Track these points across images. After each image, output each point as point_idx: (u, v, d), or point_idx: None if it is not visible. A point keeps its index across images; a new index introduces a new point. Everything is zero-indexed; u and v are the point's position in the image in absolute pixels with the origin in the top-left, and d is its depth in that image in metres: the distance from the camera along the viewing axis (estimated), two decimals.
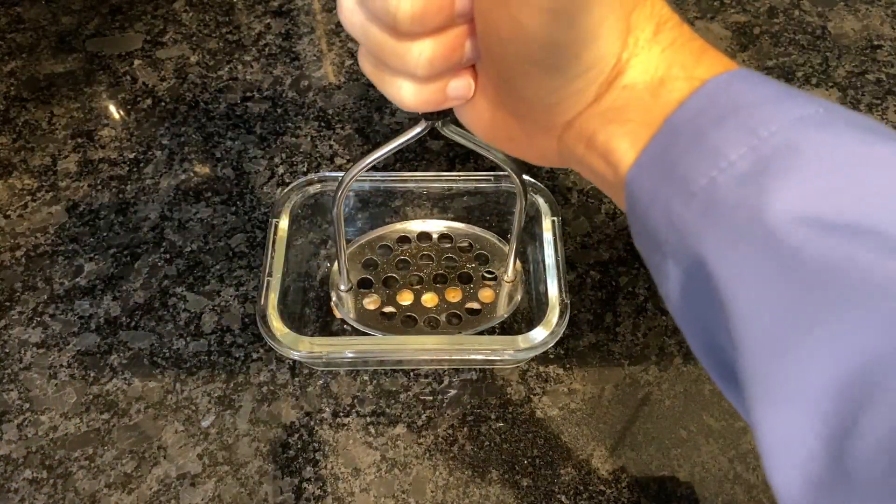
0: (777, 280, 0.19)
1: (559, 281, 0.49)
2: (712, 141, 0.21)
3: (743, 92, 0.22)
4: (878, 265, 0.18)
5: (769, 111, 0.21)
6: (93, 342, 0.53)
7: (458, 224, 0.58)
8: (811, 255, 0.18)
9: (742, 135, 0.21)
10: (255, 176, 0.62)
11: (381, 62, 0.26)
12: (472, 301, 0.54)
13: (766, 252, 0.19)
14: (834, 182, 0.19)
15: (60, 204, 0.60)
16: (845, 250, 0.18)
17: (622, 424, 0.50)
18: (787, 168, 0.19)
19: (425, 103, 0.27)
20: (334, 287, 0.54)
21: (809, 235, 0.19)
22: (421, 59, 0.25)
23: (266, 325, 0.47)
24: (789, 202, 0.19)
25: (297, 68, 0.70)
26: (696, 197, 0.21)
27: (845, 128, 0.20)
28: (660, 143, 0.23)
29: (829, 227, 0.18)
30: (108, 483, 0.47)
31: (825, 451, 0.19)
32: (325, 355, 0.47)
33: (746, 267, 0.20)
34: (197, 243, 0.58)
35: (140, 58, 0.71)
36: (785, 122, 0.20)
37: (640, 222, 0.24)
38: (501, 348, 0.46)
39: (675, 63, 0.24)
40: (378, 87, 0.28)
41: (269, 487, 0.47)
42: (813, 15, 0.76)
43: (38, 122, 0.66)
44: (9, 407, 0.50)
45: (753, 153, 0.20)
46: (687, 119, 0.22)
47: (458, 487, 0.47)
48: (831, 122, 0.20)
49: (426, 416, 0.50)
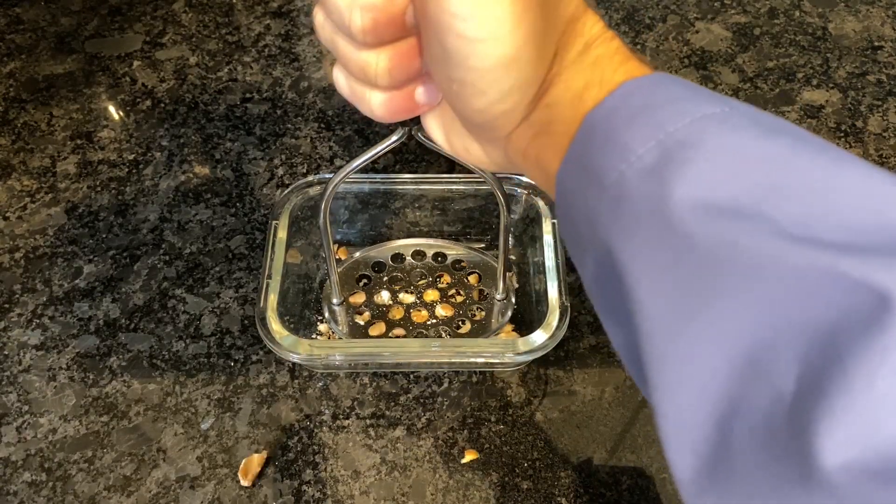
0: (672, 265, 0.20)
1: (559, 283, 0.49)
2: (623, 137, 0.22)
3: (655, 93, 0.23)
4: (763, 248, 0.18)
5: (677, 109, 0.22)
6: (92, 344, 0.53)
7: (451, 242, 0.58)
8: (702, 240, 0.19)
9: (650, 130, 0.21)
10: (255, 177, 0.62)
11: (350, 74, 0.28)
12: (463, 318, 0.54)
13: (663, 239, 0.20)
14: (727, 173, 0.20)
15: (60, 205, 0.60)
16: (732, 234, 0.19)
17: (622, 427, 0.50)
18: (686, 160, 0.20)
19: (395, 112, 0.29)
20: (326, 300, 0.54)
21: (701, 221, 0.19)
22: (379, 69, 0.27)
23: (265, 328, 0.47)
24: (686, 191, 0.20)
25: (297, 69, 0.70)
26: (607, 190, 0.22)
27: (745, 125, 0.21)
28: (578, 142, 0.24)
29: (719, 213, 0.19)
30: (107, 485, 0.47)
31: (715, 432, 0.19)
32: (324, 358, 0.47)
33: (646, 254, 0.21)
34: (196, 245, 0.58)
35: (139, 59, 0.71)
36: (689, 119, 0.21)
37: (566, 219, 0.25)
38: (501, 351, 0.46)
39: (594, 77, 0.25)
40: (353, 103, 0.29)
41: (268, 490, 0.47)
42: (813, 16, 0.75)
43: (37, 124, 0.66)
44: (8, 409, 0.50)
45: (659, 147, 0.21)
46: (601, 118, 0.23)
47: (458, 490, 0.47)
48: (732, 120, 0.21)
49: (426, 419, 0.50)
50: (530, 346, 0.46)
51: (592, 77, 0.25)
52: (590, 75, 0.25)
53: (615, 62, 0.25)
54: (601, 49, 0.25)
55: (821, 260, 0.18)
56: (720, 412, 0.19)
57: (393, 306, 0.54)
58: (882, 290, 0.16)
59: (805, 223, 0.18)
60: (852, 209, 0.19)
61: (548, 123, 0.26)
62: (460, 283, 0.55)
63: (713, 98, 0.22)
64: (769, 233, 0.19)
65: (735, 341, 0.19)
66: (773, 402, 0.18)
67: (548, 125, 0.26)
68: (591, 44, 0.25)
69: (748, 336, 0.19)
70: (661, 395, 0.21)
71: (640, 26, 0.74)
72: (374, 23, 0.25)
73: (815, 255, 0.18)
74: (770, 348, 0.18)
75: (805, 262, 0.18)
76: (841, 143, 0.65)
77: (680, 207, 0.20)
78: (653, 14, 0.76)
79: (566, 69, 0.25)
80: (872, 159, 0.64)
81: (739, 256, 0.19)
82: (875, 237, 0.18)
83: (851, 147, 0.65)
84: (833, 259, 0.17)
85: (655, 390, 0.21)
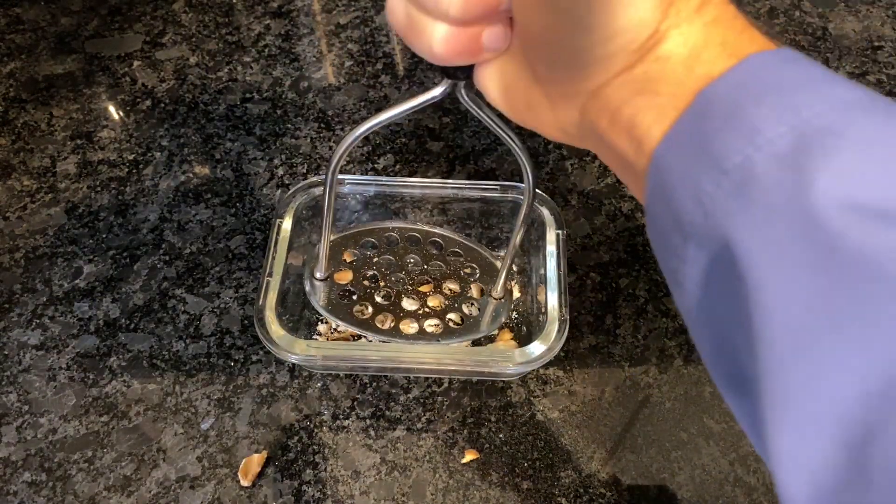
0: (812, 267, 0.18)
1: (560, 295, 0.48)
2: (750, 117, 0.20)
3: (786, 71, 0.21)
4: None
5: (813, 92, 0.20)
6: (92, 344, 0.53)
7: (453, 234, 0.55)
8: (852, 244, 0.17)
9: (783, 113, 0.19)
10: (255, 177, 0.62)
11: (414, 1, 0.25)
12: (455, 312, 0.52)
13: (802, 236, 0.18)
14: (880, 170, 0.18)
15: (60, 205, 0.60)
16: (887, 240, 0.17)
17: (622, 427, 0.50)
18: (830, 151, 0.18)
19: (458, 53, 0.26)
20: (309, 273, 0.51)
21: (852, 222, 0.17)
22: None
23: (263, 328, 0.47)
24: (832, 186, 0.18)
25: (297, 69, 0.70)
26: (729, 175, 0.20)
27: (888, 115, 0.19)
28: (691, 118, 0.21)
29: (872, 216, 0.17)
30: (107, 485, 0.47)
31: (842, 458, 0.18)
32: (322, 358, 0.47)
33: (779, 251, 0.18)
34: (196, 245, 0.58)
35: (139, 59, 0.71)
36: (829, 105, 0.19)
37: (663, 202, 0.22)
38: (498, 361, 0.46)
39: (714, 38, 0.22)
40: (407, 36, 0.26)
41: (268, 490, 0.47)
42: (813, 16, 0.75)
43: (37, 124, 0.66)
44: (8, 409, 0.50)
45: (794, 133, 0.19)
46: (723, 93, 0.21)
47: (458, 490, 0.47)
48: (877, 109, 0.19)
49: (426, 419, 0.50)
50: (527, 358, 0.46)
51: (712, 37, 0.22)
52: (709, 34, 0.22)
53: (737, 26, 0.22)
54: (720, 10, 0.23)
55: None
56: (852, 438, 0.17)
57: (382, 290, 0.52)
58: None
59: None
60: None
61: (655, 81, 0.23)
62: (456, 276, 0.53)
63: (850, 83, 0.20)
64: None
65: (878, 361, 0.17)
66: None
67: (654, 83, 0.23)
68: (709, 2, 0.23)
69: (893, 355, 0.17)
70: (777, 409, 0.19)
71: None
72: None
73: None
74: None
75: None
76: None
77: (823, 203, 0.17)
78: None
79: (683, 22, 0.22)
80: None
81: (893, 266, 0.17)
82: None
83: None
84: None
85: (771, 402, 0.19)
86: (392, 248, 0.54)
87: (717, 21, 0.22)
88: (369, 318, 0.50)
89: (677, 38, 0.22)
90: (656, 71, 0.23)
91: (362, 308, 0.51)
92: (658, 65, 0.23)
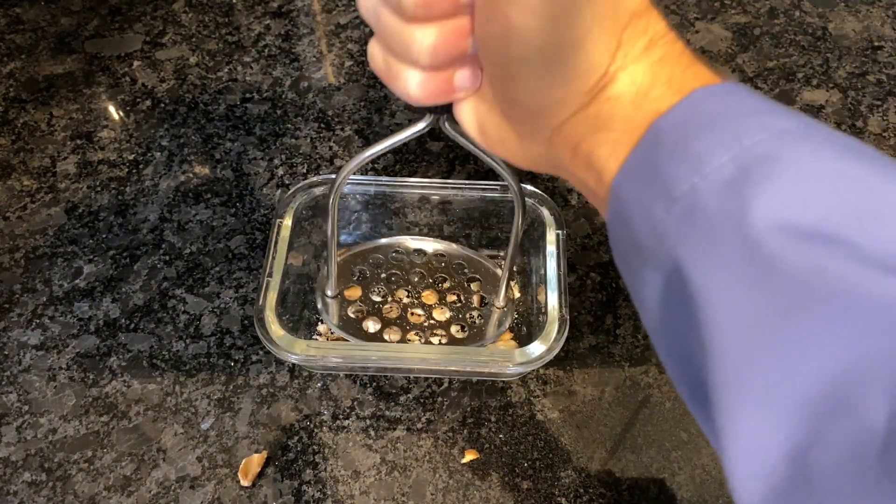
0: (752, 286, 0.19)
1: (560, 295, 0.48)
2: (696, 147, 0.21)
3: (729, 103, 0.22)
4: (849, 276, 0.18)
5: (753, 122, 0.21)
6: (92, 344, 0.53)
7: (455, 245, 0.57)
8: (786, 263, 0.19)
9: (726, 143, 0.21)
10: (255, 177, 0.62)
11: (389, 50, 0.27)
12: (459, 323, 0.53)
13: (742, 257, 0.19)
14: (810, 193, 0.19)
15: (60, 205, 0.60)
16: (819, 260, 0.18)
17: (622, 427, 0.50)
18: (767, 177, 0.19)
19: (432, 94, 0.27)
20: (320, 291, 0.54)
21: (785, 243, 0.19)
22: (424, 46, 0.25)
23: (263, 328, 0.47)
24: (768, 210, 0.19)
25: (297, 69, 0.70)
26: (678, 202, 0.21)
27: (824, 144, 0.20)
28: (644, 149, 0.23)
29: (804, 236, 0.19)
30: (107, 486, 0.47)
31: (789, 462, 0.19)
32: (322, 359, 0.47)
33: (723, 271, 0.20)
34: (196, 245, 0.58)
35: (139, 59, 0.71)
36: (768, 134, 0.20)
37: (623, 228, 0.24)
38: (498, 361, 0.46)
39: (660, 77, 0.24)
40: (386, 81, 0.28)
41: (268, 490, 0.47)
42: (813, 16, 0.75)
43: (37, 124, 0.66)
44: (8, 409, 0.50)
45: (736, 161, 0.20)
46: (672, 125, 0.22)
47: (458, 490, 0.47)
48: (811, 137, 0.20)
49: (426, 419, 0.50)
50: (527, 358, 0.46)
51: (659, 75, 0.24)
52: (656, 73, 0.24)
53: (682, 63, 0.24)
54: (667, 48, 0.24)
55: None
56: (796, 444, 0.19)
57: (389, 304, 0.54)
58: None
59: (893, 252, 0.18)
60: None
61: (608, 118, 0.24)
62: (460, 287, 0.55)
63: (788, 113, 0.21)
64: (857, 261, 0.18)
65: (817, 371, 0.18)
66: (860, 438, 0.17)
67: (607, 120, 0.24)
68: (656, 42, 0.24)
69: (832, 367, 0.18)
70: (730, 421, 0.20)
71: None
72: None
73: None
74: (856, 382, 0.18)
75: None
76: None
77: (761, 226, 0.19)
78: None
79: (631, 63, 0.24)
80: None
81: (826, 284, 0.18)
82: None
83: None
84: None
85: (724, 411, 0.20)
86: (398, 263, 0.56)
87: (663, 60, 0.24)
88: (378, 332, 0.52)
89: (625, 78, 0.24)
90: (608, 110, 0.24)
91: (371, 323, 0.53)
92: (609, 104, 0.24)
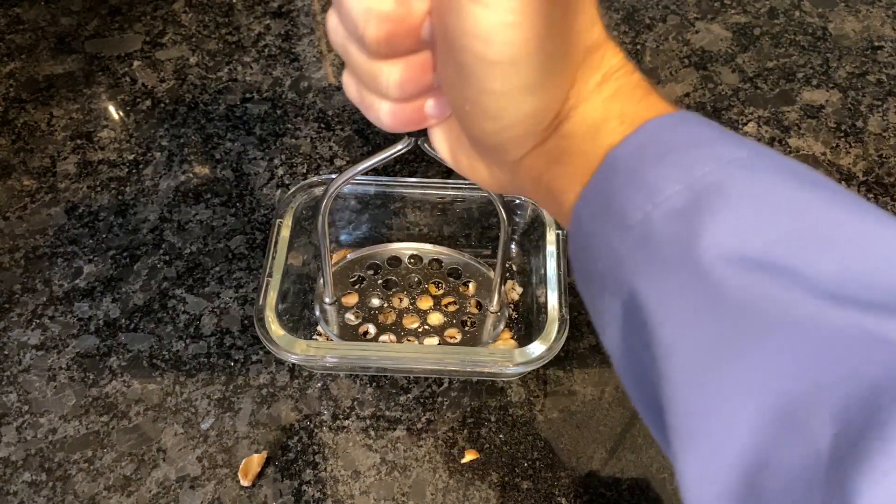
0: (701, 313, 0.20)
1: (560, 295, 0.49)
2: (649, 177, 0.22)
3: (681, 133, 0.23)
4: (794, 304, 0.18)
5: (704, 152, 0.21)
6: (92, 344, 0.53)
7: (451, 249, 0.57)
8: (733, 292, 0.19)
9: (678, 172, 0.21)
10: (255, 177, 0.62)
11: (361, 82, 0.28)
12: (454, 328, 0.53)
13: (692, 286, 0.20)
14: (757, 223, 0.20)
15: (60, 205, 0.60)
16: (765, 288, 0.19)
17: (622, 427, 0.50)
18: (715, 207, 0.20)
19: (404, 123, 0.28)
20: (318, 300, 0.54)
21: (732, 272, 0.19)
22: (391, 81, 0.26)
23: (263, 328, 0.47)
24: (715, 239, 0.20)
25: (297, 69, 0.70)
26: (632, 230, 0.22)
27: (772, 172, 0.21)
28: (599, 178, 0.24)
29: (751, 266, 0.19)
30: (107, 485, 0.47)
31: (740, 483, 0.19)
32: (321, 359, 0.47)
33: (675, 299, 0.20)
34: (196, 245, 0.58)
35: (139, 59, 0.71)
36: (717, 164, 0.21)
37: (582, 253, 0.25)
38: (498, 361, 0.46)
39: (613, 112, 0.24)
40: (362, 110, 0.29)
41: (268, 490, 0.47)
42: (813, 16, 0.75)
43: (37, 124, 0.66)
44: (8, 409, 0.50)
45: (687, 191, 0.21)
46: (626, 155, 0.23)
47: (458, 490, 0.47)
48: (760, 166, 0.21)
49: (426, 419, 0.50)
50: (527, 358, 0.46)
51: (611, 111, 0.24)
52: (608, 109, 0.24)
53: (636, 96, 0.25)
54: (621, 81, 0.25)
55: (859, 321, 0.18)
56: (748, 464, 0.19)
57: (385, 310, 0.54)
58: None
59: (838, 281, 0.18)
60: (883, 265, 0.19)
61: (564, 154, 0.25)
62: (455, 292, 0.55)
63: (739, 141, 0.22)
64: (803, 289, 0.18)
65: (766, 395, 0.19)
66: (808, 459, 0.18)
67: (564, 155, 0.25)
68: (610, 76, 0.25)
69: (779, 391, 0.19)
70: (684, 443, 0.21)
71: (640, 26, 0.74)
72: (388, 34, 0.24)
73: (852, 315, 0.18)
74: (804, 405, 0.18)
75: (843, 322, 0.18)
76: (841, 142, 0.65)
77: (709, 255, 0.19)
78: (653, 14, 0.76)
79: (584, 100, 0.25)
80: (872, 159, 0.64)
81: (773, 311, 0.19)
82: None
83: (851, 147, 0.65)
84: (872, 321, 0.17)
85: (678, 436, 0.21)
86: (395, 270, 0.57)
87: (616, 95, 0.25)
88: (373, 338, 0.53)
89: (578, 116, 0.25)
90: (564, 146, 0.25)
91: (367, 329, 0.53)
92: (565, 140, 0.25)
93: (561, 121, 0.25)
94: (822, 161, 0.64)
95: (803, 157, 0.64)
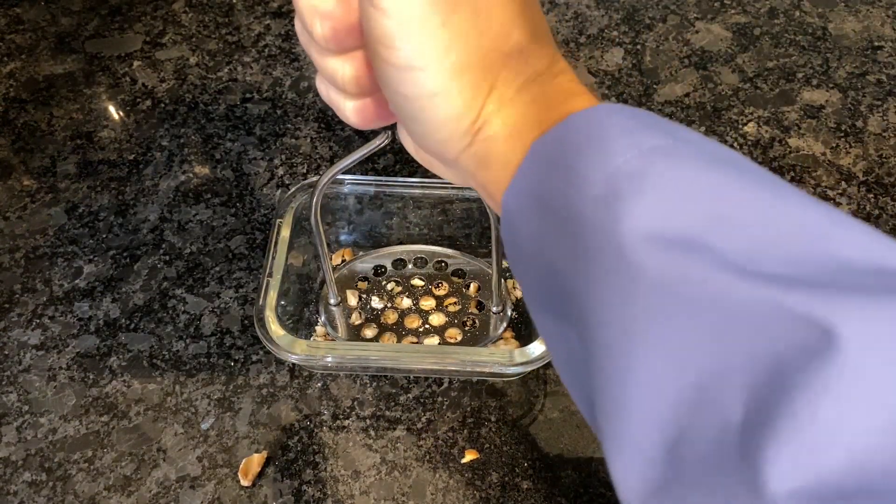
0: (623, 296, 0.20)
1: None
2: (574, 166, 0.22)
3: (602, 124, 0.23)
4: (709, 280, 0.19)
5: (625, 142, 0.22)
6: (92, 344, 0.53)
7: (455, 251, 0.57)
8: (651, 270, 0.20)
9: (598, 162, 0.22)
10: (255, 177, 0.62)
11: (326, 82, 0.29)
12: (455, 328, 0.54)
13: (615, 269, 0.21)
14: (674, 205, 0.20)
15: (60, 205, 0.60)
16: (680, 266, 0.19)
17: None
18: (634, 192, 0.21)
19: (370, 119, 0.29)
20: (324, 301, 0.54)
21: (650, 252, 0.20)
22: (346, 76, 0.27)
23: (263, 328, 0.47)
24: (635, 222, 0.20)
25: (297, 69, 0.70)
26: (556, 214, 0.23)
27: (690, 156, 0.22)
28: (526, 170, 0.24)
29: (668, 245, 0.20)
30: (107, 485, 0.47)
31: (663, 458, 0.20)
32: (321, 359, 0.47)
33: (597, 282, 0.21)
34: (196, 245, 0.58)
35: (139, 59, 0.71)
36: (637, 151, 0.22)
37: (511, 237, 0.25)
38: (498, 362, 0.46)
39: (531, 117, 0.25)
40: (333, 109, 0.30)
41: (268, 490, 0.47)
42: (813, 16, 0.75)
43: (37, 124, 0.66)
44: (8, 409, 0.50)
45: (608, 179, 0.21)
46: (549, 147, 0.24)
47: (458, 490, 0.47)
48: (679, 152, 0.22)
49: (426, 419, 0.50)
50: (527, 358, 0.46)
51: (530, 115, 0.25)
52: (527, 114, 0.25)
53: (558, 100, 0.25)
54: (544, 86, 0.25)
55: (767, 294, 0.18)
56: (668, 438, 0.20)
57: (387, 310, 0.54)
58: (825, 324, 0.17)
59: (750, 256, 0.19)
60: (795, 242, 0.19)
61: (487, 157, 0.26)
62: (458, 293, 0.55)
63: (660, 129, 0.23)
64: (716, 265, 0.19)
65: (682, 370, 0.20)
66: (722, 431, 0.19)
67: (486, 159, 0.26)
68: (532, 80, 0.25)
69: (695, 365, 0.19)
70: (608, 418, 0.21)
71: (640, 26, 0.74)
72: (333, 31, 0.25)
73: (761, 289, 0.18)
74: (718, 378, 0.19)
75: (752, 296, 0.18)
76: (841, 142, 0.65)
77: (630, 238, 0.20)
78: (653, 14, 0.76)
79: (503, 107, 0.25)
80: (872, 159, 0.64)
81: (687, 288, 0.19)
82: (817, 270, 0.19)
83: (851, 147, 0.65)
84: (779, 294, 0.18)
85: (603, 414, 0.22)
86: (398, 271, 0.57)
87: (536, 99, 0.25)
88: (374, 338, 0.53)
89: (497, 121, 0.25)
90: (486, 150, 0.26)
91: (369, 329, 0.53)
92: (486, 144, 0.26)
93: (482, 125, 0.25)
94: (822, 161, 0.64)
95: (803, 157, 0.64)
